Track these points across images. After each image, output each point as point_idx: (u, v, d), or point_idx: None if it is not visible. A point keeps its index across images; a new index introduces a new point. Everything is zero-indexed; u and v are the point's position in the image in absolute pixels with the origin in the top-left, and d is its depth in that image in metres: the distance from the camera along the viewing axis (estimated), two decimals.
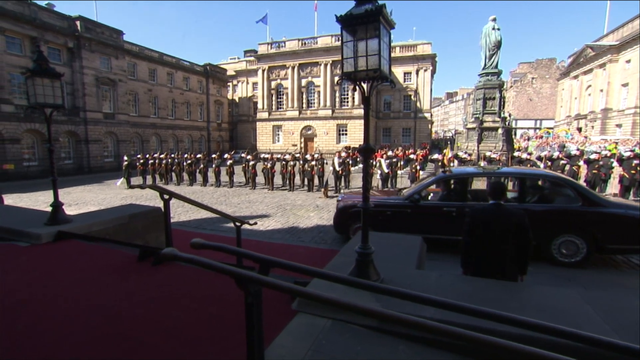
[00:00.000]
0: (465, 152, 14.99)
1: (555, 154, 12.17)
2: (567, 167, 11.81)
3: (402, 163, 18.02)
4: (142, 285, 3.10)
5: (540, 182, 6.51)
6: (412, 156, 16.52)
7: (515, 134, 35.95)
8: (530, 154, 15.59)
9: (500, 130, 18.02)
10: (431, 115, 41.56)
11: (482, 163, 15.20)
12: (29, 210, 5.85)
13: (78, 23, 25.25)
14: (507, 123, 19.22)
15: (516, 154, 13.45)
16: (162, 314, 2.58)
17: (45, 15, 23.55)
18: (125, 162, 17.40)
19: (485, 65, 18.90)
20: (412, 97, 38.73)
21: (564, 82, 45.21)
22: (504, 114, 19.59)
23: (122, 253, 3.93)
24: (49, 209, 4.77)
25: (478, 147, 17.82)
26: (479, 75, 19.29)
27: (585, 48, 37.21)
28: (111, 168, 27.19)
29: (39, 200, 12.77)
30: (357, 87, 2.50)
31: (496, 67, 18.68)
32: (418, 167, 13.57)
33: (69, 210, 4.92)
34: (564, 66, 48.57)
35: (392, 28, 2.50)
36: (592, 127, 35.29)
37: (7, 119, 21.62)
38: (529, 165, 12.25)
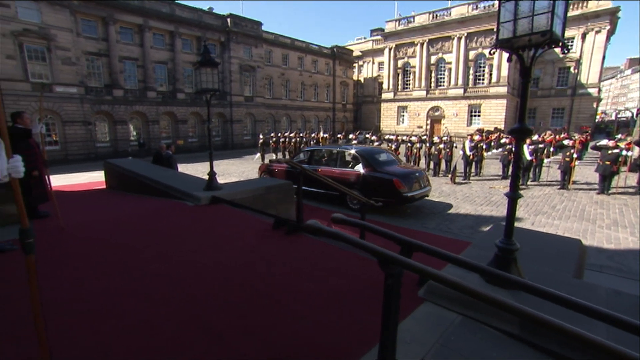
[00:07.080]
0: None
1: None
2: None
3: (551, 150, 15.00)
4: (277, 250, 3.47)
5: (349, 153, 8.84)
6: (566, 142, 13.56)
7: None
8: None
9: None
10: (599, 90, 31.74)
11: None
12: (193, 177, 7.25)
13: (229, 20, 29.63)
14: None
15: None
16: (295, 278, 2.83)
17: (207, 17, 28.69)
18: (261, 140, 19.78)
19: None
20: (572, 69, 30.69)
21: None
22: None
23: (260, 220, 4.48)
24: (206, 177, 5.79)
25: None
26: None
27: None
28: (249, 145, 31.36)
29: (198, 170, 15.68)
30: (514, 56, 2.10)
31: None
32: (574, 156, 10.83)
33: (218, 180, 5.89)
34: None
35: None
36: None
37: (180, 104, 27.65)
38: None
